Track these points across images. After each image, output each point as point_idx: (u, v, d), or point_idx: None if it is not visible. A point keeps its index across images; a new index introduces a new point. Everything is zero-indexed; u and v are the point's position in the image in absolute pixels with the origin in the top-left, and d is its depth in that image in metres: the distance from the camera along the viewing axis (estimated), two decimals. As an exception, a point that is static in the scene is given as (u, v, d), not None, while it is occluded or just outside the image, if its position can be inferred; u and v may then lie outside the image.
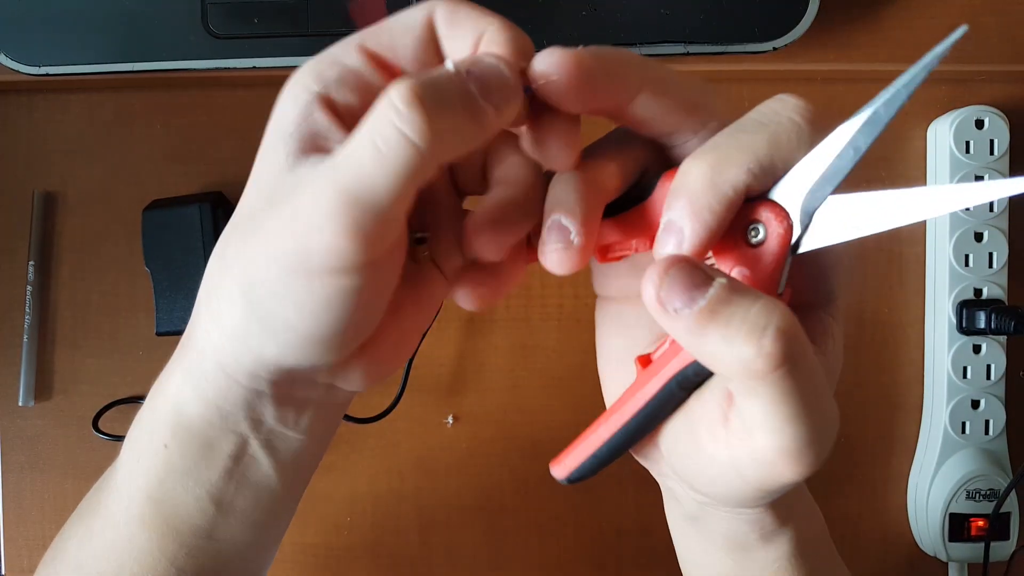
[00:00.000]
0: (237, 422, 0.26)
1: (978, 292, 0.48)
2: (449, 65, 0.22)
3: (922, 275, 0.50)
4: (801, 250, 0.23)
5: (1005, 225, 0.48)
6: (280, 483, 0.28)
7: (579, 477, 0.27)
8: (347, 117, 0.24)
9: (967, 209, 0.47)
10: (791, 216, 0.23)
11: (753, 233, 0.24)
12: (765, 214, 0.23)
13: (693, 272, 0.21)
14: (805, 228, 0.23)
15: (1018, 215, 0.48)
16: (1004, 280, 0.48)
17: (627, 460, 0.52)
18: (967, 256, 0.47)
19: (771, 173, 0.23)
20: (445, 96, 0.21)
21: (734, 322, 0.21)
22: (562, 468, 0.27)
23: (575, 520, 0.51)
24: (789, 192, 0.23)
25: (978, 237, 0.47)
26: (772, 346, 0.20)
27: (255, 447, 0.27)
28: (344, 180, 0.21)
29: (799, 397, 0.21)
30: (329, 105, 0.24)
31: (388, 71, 0.25)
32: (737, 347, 0.20)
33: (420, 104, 0.20)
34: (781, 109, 0.24)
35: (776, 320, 0.20)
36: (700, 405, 0.25)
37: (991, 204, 0.47)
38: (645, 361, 0.26)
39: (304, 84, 0.24)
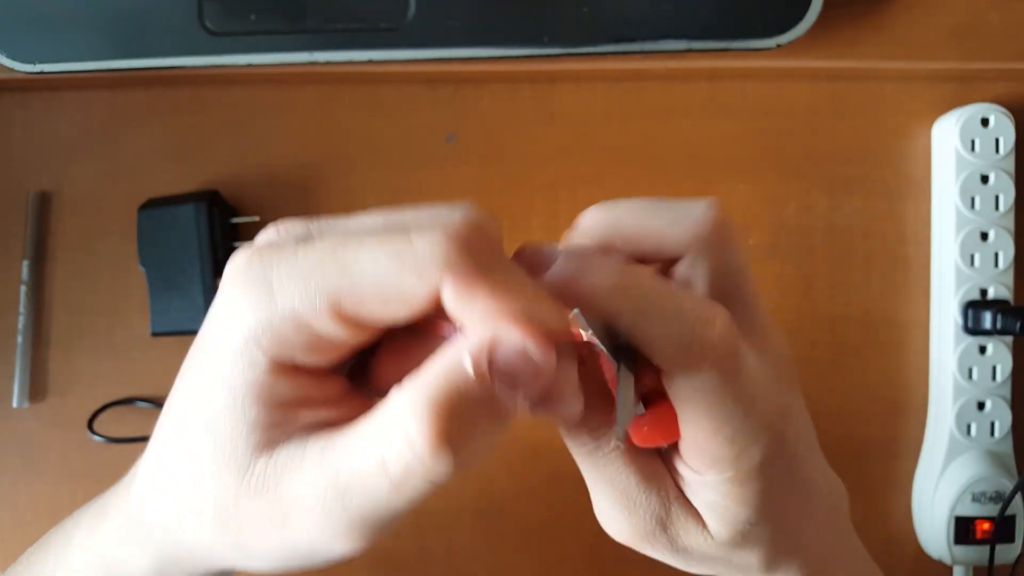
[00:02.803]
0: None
1: (984, 292, 0.47)
2: (468, 366, 0.19)
3: (927, 275, 0.49)
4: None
5: (1011, 224, 0.47)
6: None
7: None
8: (312, 374, 0.22)
9: (972, 207, 0.47)
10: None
11: None
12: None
13: None
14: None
15: (1024, 214, 0.48)
16: (1010, 280, 0.47)
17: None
18: (973, 256, 0.47)
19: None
20: (471, 419, 0.19)
21: None
22: None
23: (576, 524, 0.50)
24: None
25: (984, 236, 0.47)
26: None
27: None
28: (355, 505, 0.20)
29: None
30: (294, 371, 0.21)
31: (362, 329, 0.21)
32: None
33: (447, 447, 0.19)
34: None
35: None
36: None
37: (997, 202, 0.47)
38: None
39: (257, 342, 0.20)
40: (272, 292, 0.20)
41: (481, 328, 0.20)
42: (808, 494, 0.28)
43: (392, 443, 0.19)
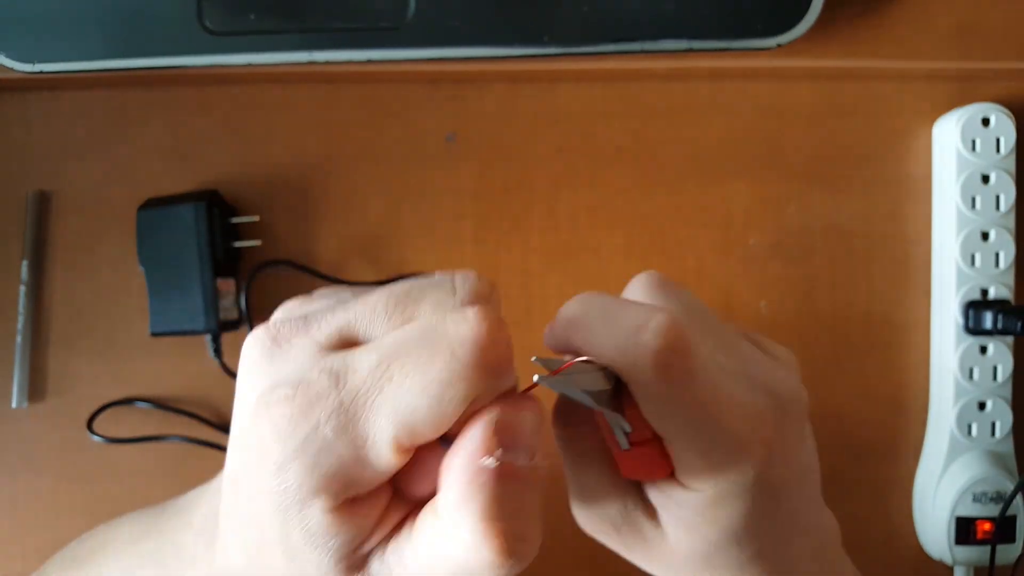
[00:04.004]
0: None
1: (985, 292, 0.47)
2: (488, 463, 0.21)
3: (928, 275, 0.49)
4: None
5: (1012, 224, 0.47)
6: None
7: None
8: (371, 495, 0.23)
9: (973, 207, 0.47)
10: None
11: None
12: None
13: None
14: None
15: (1025, 214, 0.48)
16: (1011, 280, 0.47)
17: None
18: (973, 256, 0.47)
19: None
20: (524, 508, 0.22)
21: None
22: None
23: (576, 523, 0.50)
24: None
25: (985, 236, 0.47)
26: None
27: None
28: None
29: None
30: (360, 501, 0.23)
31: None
32: None
33: (523, 548, 0.21)
34: None
35: None
36: None
37: (997, 202, 0.47)
38: None
39: (328, 490, 0.22)
40: (331, 448, 0.21)
41: (487, 425, 0.22)
42: (793, 530, 0.27)
43: (468, 558, 0.21)
